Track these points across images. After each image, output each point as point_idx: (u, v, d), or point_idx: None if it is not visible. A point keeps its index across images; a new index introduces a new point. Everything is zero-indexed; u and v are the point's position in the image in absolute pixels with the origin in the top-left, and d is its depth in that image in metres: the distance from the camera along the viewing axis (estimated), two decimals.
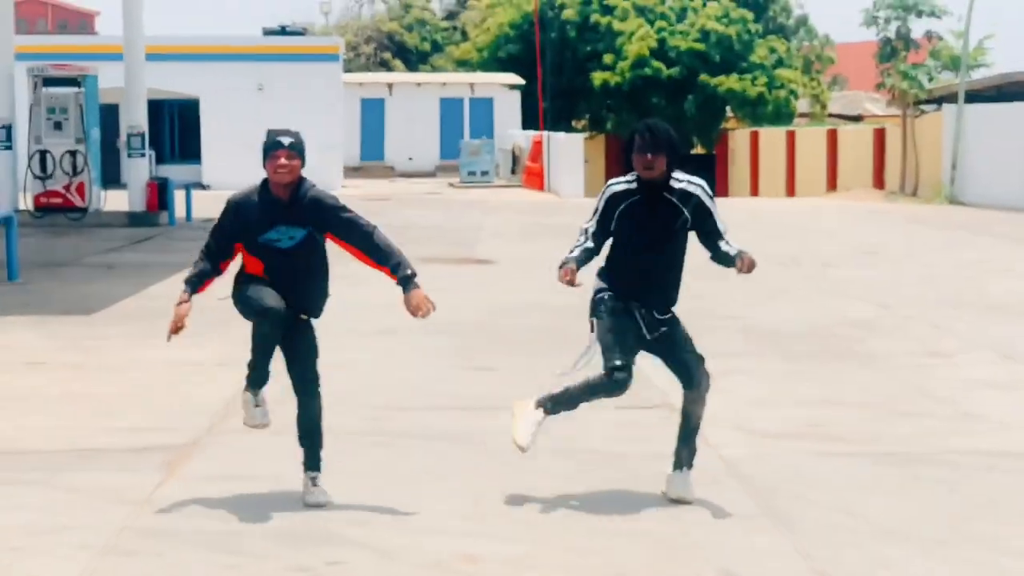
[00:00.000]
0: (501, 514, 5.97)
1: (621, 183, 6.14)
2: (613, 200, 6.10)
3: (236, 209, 6.02)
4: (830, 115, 50.20)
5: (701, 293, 13.59)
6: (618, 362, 5.88)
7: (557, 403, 6.11)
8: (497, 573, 5.18)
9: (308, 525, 5.77)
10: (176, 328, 6.08)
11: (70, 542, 5.50)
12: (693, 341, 6.20)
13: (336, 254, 6.27)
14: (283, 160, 5.87)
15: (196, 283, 6.04)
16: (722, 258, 6.16)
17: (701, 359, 6.17)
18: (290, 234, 5.99)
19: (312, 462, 6.16)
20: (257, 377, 6.09)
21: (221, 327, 11.09)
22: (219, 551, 5.42)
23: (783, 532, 5.72)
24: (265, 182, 5.99)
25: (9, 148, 22.28)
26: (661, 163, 5.95)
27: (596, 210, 6.19)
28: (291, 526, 5.76)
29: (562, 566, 5.26)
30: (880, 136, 35.50)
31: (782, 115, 46.35)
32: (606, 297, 6.05)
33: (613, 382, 5.90)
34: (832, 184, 36.72)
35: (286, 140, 5.89)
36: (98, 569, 5.18)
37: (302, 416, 6.17)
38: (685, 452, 6.22)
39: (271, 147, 5.88)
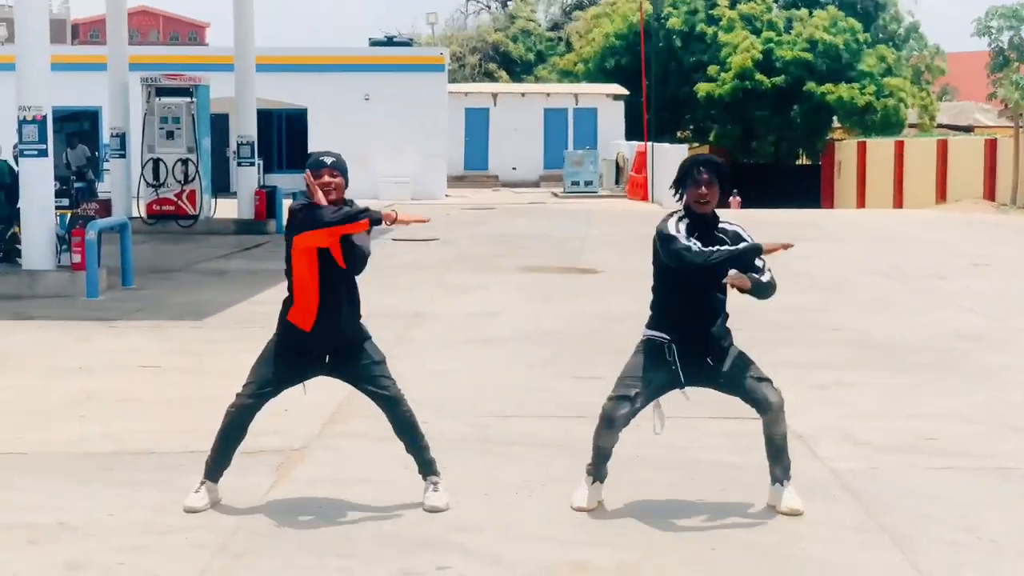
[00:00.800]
0: (610, 522, 5.94)
1: (671, 222, 5.94)
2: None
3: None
4: (939, 126, 49.36)
5: (812, 305, 13.49)
6: (615, 393, 5.98)
7: (594, 463, 6.12)
8: None
9: (417, 530, 5.80)
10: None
11: (186, 542, 5.59)
12: (755, 365, 6.08)
13: (443, 266, 6.28)
14: (327, 178, 5.95)
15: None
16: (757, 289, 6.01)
17: (768, 380, 6.06)
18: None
19: (424, 467, 6.17)
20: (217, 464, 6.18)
21: None
22: (329, 554, 5.47)
23: (899, 548, 5.61)
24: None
25: (123, 156, 22.84)
26: (715, 196, 5.86)
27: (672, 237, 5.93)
28: (400, 531, 5.79)
29: (675, 575, 5.23)
30: (992, 147, 34.80)
31: (891, 124, 45.67)
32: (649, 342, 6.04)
33: (603, 411, 5.99)
34: (941, 196, 36.07)
35: (328, 159, 6.02)
36: (213, 569, 5.26)
37: (393, 425, 6.16)
38: (778, 469, 6.13)
39: (314, 166, 6.00)
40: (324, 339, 6.03)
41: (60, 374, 9.48)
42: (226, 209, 23.52)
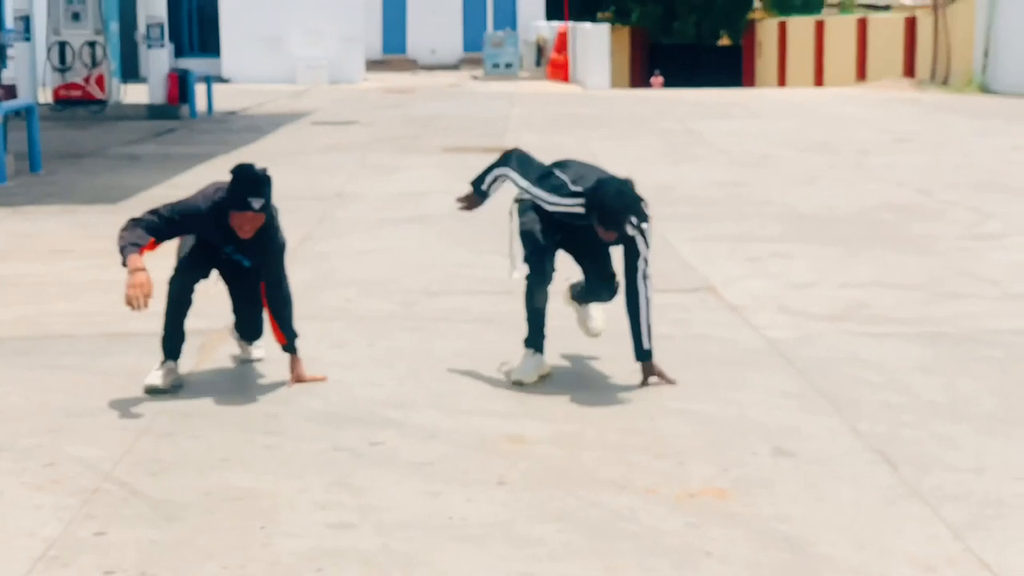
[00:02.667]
0: (546, 396, 5.82)
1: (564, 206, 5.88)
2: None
3: (195, 221, 5.79)
4: (859, 4, 49.29)
5: (739, 180, 13.42)
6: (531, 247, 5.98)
7: (530, 333, 6.03)
8: (545, 453, 5.03)
9: (347, 406, 5.64)
10: (146, 298, 5.67)
11: (108, 424, 5.38)
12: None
13: (364, 147, 6.03)
14: (249, 222, 5.60)
15: (135, 249, 5.74)
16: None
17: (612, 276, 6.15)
18: (244, 259, 5.94)
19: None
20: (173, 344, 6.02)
21: None
22: (257, 431, 5.30)
23: (837, 411, 5.55)
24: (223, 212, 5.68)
25: (28, 39, 21.97)
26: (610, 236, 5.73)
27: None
28: (330, 407, 5.63)
29: (614, 445, 5.11)
30: (911, 25, 34.78)
31: (811, 4, 45.50)
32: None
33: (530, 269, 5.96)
34: (861, 74, 36.11)
35: (257, 204, 5.54)
36: (137, 449, 5.06)
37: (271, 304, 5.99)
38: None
39: (240, 206, 5.55)
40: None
41: None
42: (136, 94, 22.83)
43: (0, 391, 5.88)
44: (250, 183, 5.59)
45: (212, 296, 7.81)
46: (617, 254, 6.01)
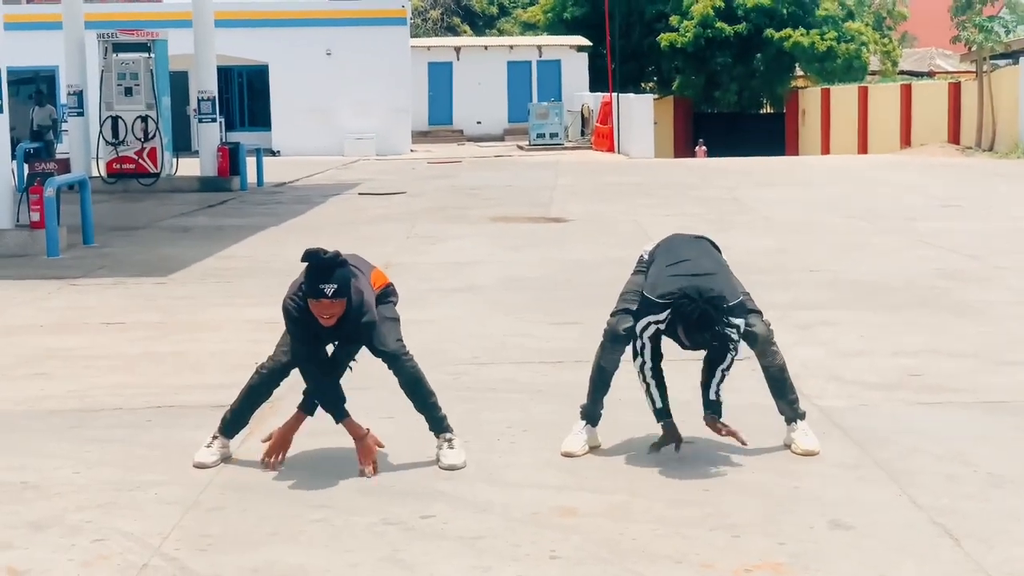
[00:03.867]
0: (596, 467, 5.76)
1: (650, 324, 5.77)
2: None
3: (300, 318, 5.63)
4: (900, 72, 49.29)
5: (786, 247, 13.35)
6: (618, 308, 5.95)
7: (592, 393, 6.04)
8: (597, 526, 4.96)
9: (397, 479, 5.59)
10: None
11: (156, 498, 5.36)
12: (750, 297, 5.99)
13: (412, 217, 6.04)
14: (327, 309, 5.46)
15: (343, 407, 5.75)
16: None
17: (758, 312, 6.00)
18: (349, 351, 5.84)
19: (433, 425, 5.90)
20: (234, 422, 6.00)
21: None
22: (306, 505, 5.26)
23: (896, 482, 5.45)
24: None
25: (81, 114, 22.39)
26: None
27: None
28: (381, 480, 5.58)
29: (666, 518, 5.03)
30: (955, 91, 34.73)
31: (853, 69, 45.52)
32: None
33: (607, 326, 5.95)
34: (906, 141, 36.01)
35: (329, 290, 5.38)
36: (185, 524, 5.03)
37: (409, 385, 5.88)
38: (782, 405, 6.00)
39: (314, 294, 5.41)
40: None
41: (22, 332, 9.20)
42: (188, 167, 23.14)
43: (50, 465, 5.88)
44: (320, 270, 5.43)
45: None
46: None
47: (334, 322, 5.54)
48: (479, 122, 42.22)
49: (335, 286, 5.41)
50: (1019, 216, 16.62)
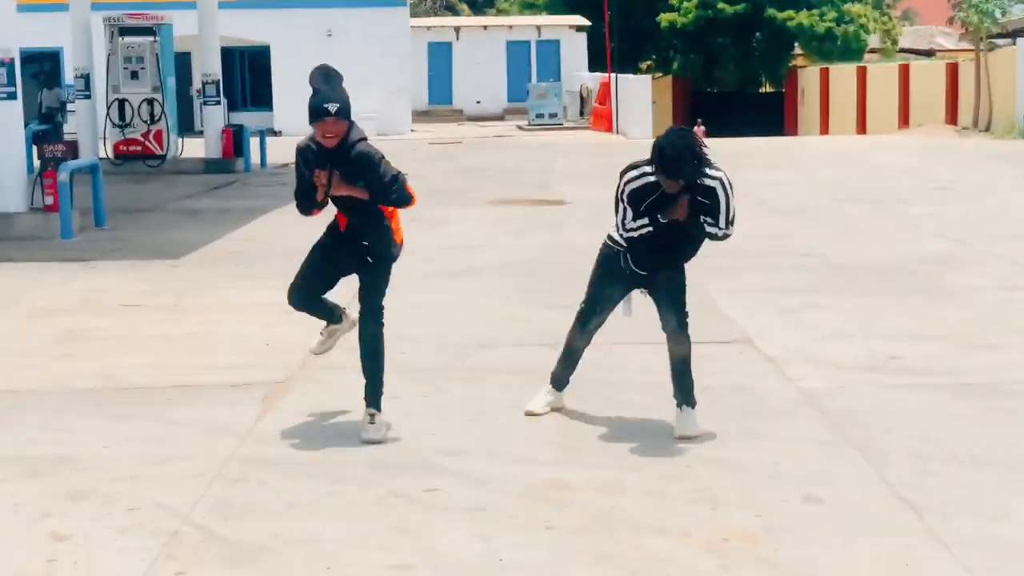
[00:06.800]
0: (589, 444, 6.18)
1: (638, 177, 6.22)
2: (635, 195, 6.24)
3: (302, 156, 6.20)
4: (901, 50, 49.56)
5: (778, 231, 13.74)
6: (585, 306, 6.57)
7: (560, 365, 6.69)
8: (588, 499, 5.38)
9: (404, 455, 6.01)
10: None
11: (182, 471, 5.78)
12: (683, 293, 6.43)
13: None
14: (330, 127, 5.96)
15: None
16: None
17: (680, 308, 6.40)
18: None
19: (369, 395, 6.33)
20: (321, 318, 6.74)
21: None
22: (321, 478, 5.68)
23: (866, 460, 5.87)
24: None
25: (88, 97, 22.75)
26: (678, 185, 6.03)
27: (620, 202, 6.33)
28: (388, 456, 6.01)
29: (654, 491, 5.46)
30: (953, 71, 35.04)
31: (852, 50, 45.80)
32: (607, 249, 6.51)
33: (577, 315, 6.60)
34: (904, 121, 36.35)
35: (332, 107, 5.90)
36: (211, 495, 5.46)
37: (360, 341, 6.36)
38: (680, 390, 6.40)
39: (318, 113, 5.93)
40: (353, 237, 6.30)
41: (43, 314, 9.61)
42: (193, 148, 23.51)
43: (80, 440, 6.31)
44: (322, 93, 5.90)
45: (271, 346, 8.28)
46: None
47: (336, 142, 6.00)
48: (479, 102, 42.54)
49: (338, 104, 5.93)
50: (1009, 199, 17.01)
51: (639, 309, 6.64)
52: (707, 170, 6.07)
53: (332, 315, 6.73)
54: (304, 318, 6.81)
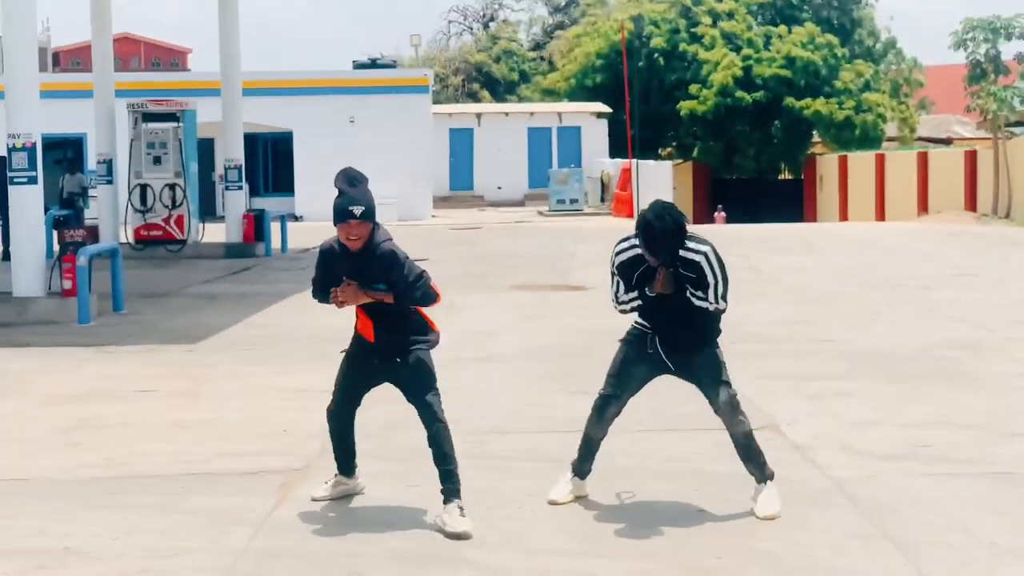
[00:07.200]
0: (615, 535, 5.99)
1: (627, 249, 6.21)
2: (624, 267, 6.22)
3: (324, 260, 6.16)
4: (918, 138, 49.71)
5: (802, 318, 13.59)
6: (604, 391, 6.42)
7: (580, 455, 6.56)
8: None
9: (425, 546, 5.83)
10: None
11: (194, 565, 5.61)
12: (724, 367, 6.30)
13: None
14: (354, 230, 5.93)
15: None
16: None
17: (726, 383, 6.29)
18: (372, 288, 6.10)
19: (444, 488, 6.16)
20: (338, 461, 6.60)
21: (324, 355, 11.28)
22: (337, 571, 5.50)
23: (901, 552, 5.67)
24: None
25: (111, 182, 22.87)
26: (662, 258, 6.01)
27: (613, 275, 6.31)
28: (408, 547, 5.83)
29: None
30: (972, 158, 35.05)
31: (870, 138, 45.99)
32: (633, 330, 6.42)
33: (595, 403, 6.45)
34: (923, 207, 36.31)
35: (357, 210, 5.86)
36: None
37: (429, 443, 6.22)
38: (750, 467, 6.35)
39: (342, 215, 5.89)
40: (385, 349, 6.20)
41: (56, 400, 9.49)
42: (214, 233, 23.55)
43: (89, 532, 6.14)
44: (348, 195, 5.86)
45: (289, 433, 8.13)
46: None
47: (360, 244, 5.92)
48: (499, 187, 42.72)
49: (363, 207, 5.86)
50: None
51: (656, 395, 6.49)
52: (690, 244, 6.02)
53: (348, 464, 6.58)
54: (321, 403, 6.67)
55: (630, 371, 6.37)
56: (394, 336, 6.19)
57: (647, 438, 7.76)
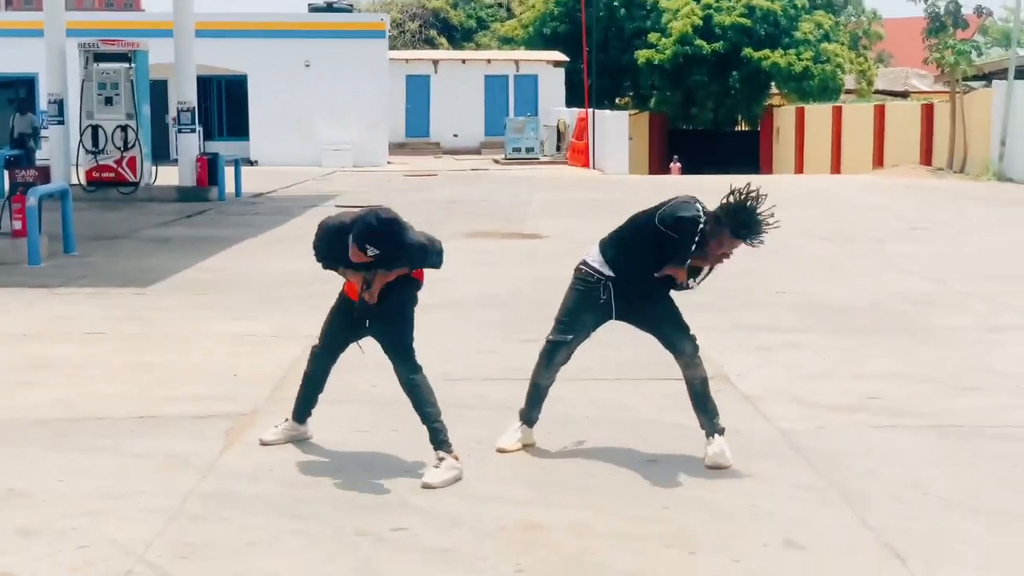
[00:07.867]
0: (561, 483, 6.00)
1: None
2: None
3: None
4: (876, 91, 49.80)
5: (754, 269, 13.61)
6: (552, 337, 6.41)
7: (528, 403, 6.55)
8: (560, 541, 5.19)
9: (371, 491, 5.81)
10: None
11: (141, 506, 5.56)
12: (679, 314, 6.36)
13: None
14: (360, 257, 5.98)
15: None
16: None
17: (686, 328, 6.34)
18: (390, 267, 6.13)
19: (431, 438, 6.17)
20: (297, 404, 6.61)
21: (276, 301, 11.22)
22: (284, 515, 5.47)
23: (848, 504, 5.70)
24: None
25: (62, 123, 22.55)
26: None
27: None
28: (354, 492, 5.81)
29: (626, 533, 5.27)
30: (928, 112, 35.17)
31: (828, 90, 46.02)
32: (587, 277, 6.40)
33: (543, 349, 6.45)
34: (879, 161, 36.44)
35: (371, 252, 5.94)
36: (168, 532, 5.24)
37: (407, 394, 6.28)
38: (703, 419, 6.36)
39: (361, 245, 5.93)
40: (367, 309, 6.18)
41: (6, 341, 9.38)
42: (167, 176, 23.28)
43: (37, 473, 6.07)
44: (370, 230, 5.95)
45: (239, 377, 8.07)
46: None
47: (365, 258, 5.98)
48: (456, 135, 42.46)
49: (378, 252, 5.94)
50: (986, 240, 16.97)
51: (603, 343, 6.48)
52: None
53: (305, 411, 6.59)
54: (271, 349, 6.62)
55: (581, 317, 6.35)
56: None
57: (595, 387, 7.76)
